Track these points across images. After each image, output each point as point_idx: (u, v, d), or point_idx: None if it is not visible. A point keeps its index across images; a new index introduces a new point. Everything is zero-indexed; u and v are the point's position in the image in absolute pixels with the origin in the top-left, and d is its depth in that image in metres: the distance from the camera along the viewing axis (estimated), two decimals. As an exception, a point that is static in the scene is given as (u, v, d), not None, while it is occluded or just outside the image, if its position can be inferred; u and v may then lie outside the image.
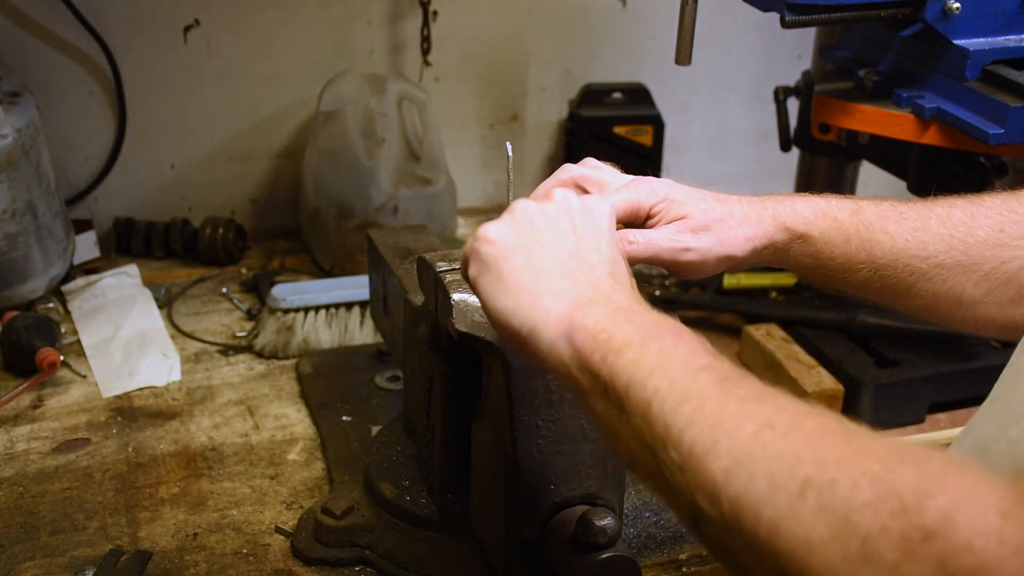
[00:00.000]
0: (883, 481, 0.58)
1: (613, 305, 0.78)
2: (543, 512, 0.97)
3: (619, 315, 0.76)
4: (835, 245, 1.01)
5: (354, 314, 1.55)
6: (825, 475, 0.59)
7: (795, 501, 0.60)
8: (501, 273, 0.82)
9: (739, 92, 2.10)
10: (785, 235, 1.01)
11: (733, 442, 0.64)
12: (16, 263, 1.52)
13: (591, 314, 0.77)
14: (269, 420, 1.38)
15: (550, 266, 0.82)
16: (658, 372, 0.70)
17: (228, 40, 1.78)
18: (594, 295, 0.79)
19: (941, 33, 1.34)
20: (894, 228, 1.01)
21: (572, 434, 0.97)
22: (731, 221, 1.00)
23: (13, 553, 1.14)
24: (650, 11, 1.97)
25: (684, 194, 1.01)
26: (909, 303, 1.03)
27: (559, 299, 0.79)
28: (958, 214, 1.00)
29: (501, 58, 1.92)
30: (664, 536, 1.19)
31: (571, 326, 0.76)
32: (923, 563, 0.54)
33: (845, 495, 0.58)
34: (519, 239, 0.84)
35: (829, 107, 1.46)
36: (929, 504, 0.55)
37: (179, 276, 1.74)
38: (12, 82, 1.55)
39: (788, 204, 1.02)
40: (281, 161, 1.88)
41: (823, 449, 0.61)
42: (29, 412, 1.38)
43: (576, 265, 0.83)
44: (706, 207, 1.00)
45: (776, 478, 0.61)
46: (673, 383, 0.69)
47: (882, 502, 0.57)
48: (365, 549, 1.13)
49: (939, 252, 0.99)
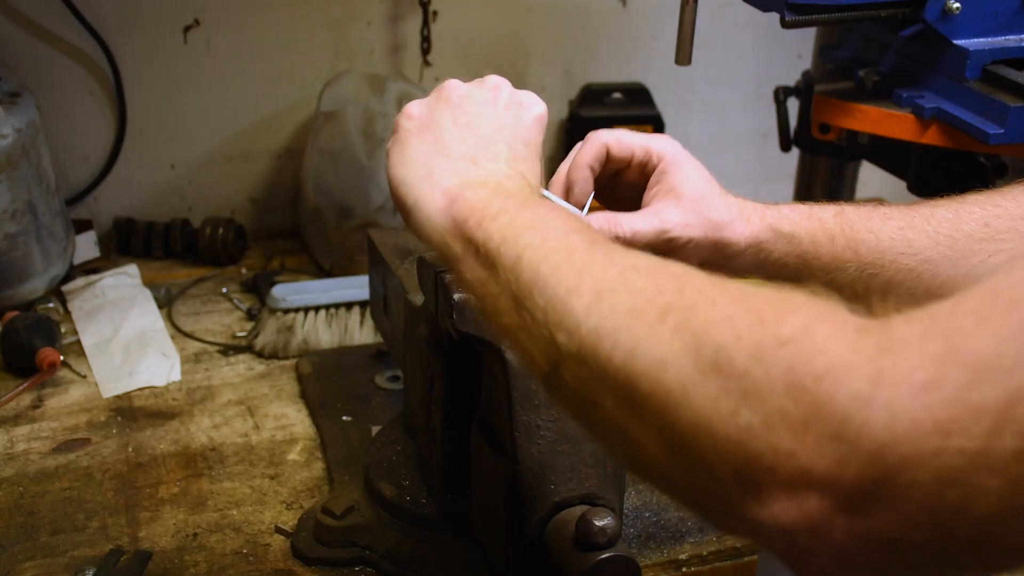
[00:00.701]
0: (742, 302, 0.59)
1: (501, 190, 0.81)
2: (543, 512, 0.97)
3: (501, 192, 0.80)
4: (821, 244, 1.00)
5: (354, 314, 1.55)
6: (685, 300, 0.61)
7: (654, 325, 0.61)
8: (406, 146, 0.87)
9: (739, 92, 2.10)
10: (771, 235, 1.00)
11: (597, 280, 0.66)
12: (16, 263, 1.52)
13: (475, 193, 0.80)
14: (269, 420, 1.38)
15: (455, 147, 0.86)
16: (531, 232, 0.73)
17: (228, 40, 1.78)
18: (486, 180, 0.82)
19: (941, 33, 1.34)
20: (878, 227, 1.00)
21: (572, 434, 0.97)
22: (722, 207, 1.00)
23: (13, 553, 1.14)
24: (650, 11, 1.97)
25: (686, 168, 1.01)
26: (901, 302, 1.02)
27: (450, 177, 0.83)
28: (942, 212, 1.00)
29: (501, 58, 1.92)
30: (664, 536, 1.19)
31: (452, 200, 0.80)
32: (773, 368, 0.54)
33: (703, 313, 0.59)
34: (435, 117, 0.89)
35: (829, 107, 1.46)
36: (788, 318, 0.56)
37: (179, 276, 1.74)
38: (12, 82, 1.55)
39: (772, 207, 1.02)
40: (281, 161, 1.88)
41: (686, 282, 0.63)
42: (29, 412, 1.38)
43: (481, 152, 0.86)
44: (701, 188, 1.00)
45: (636, 307, 0.62)
46: (545, 239, 0.72)
47: (740, 317, 0.58)
48: (365, 549, 1.13)
49: (925, 248, 0.99)
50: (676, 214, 0.98)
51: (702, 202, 0.99)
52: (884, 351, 0.53)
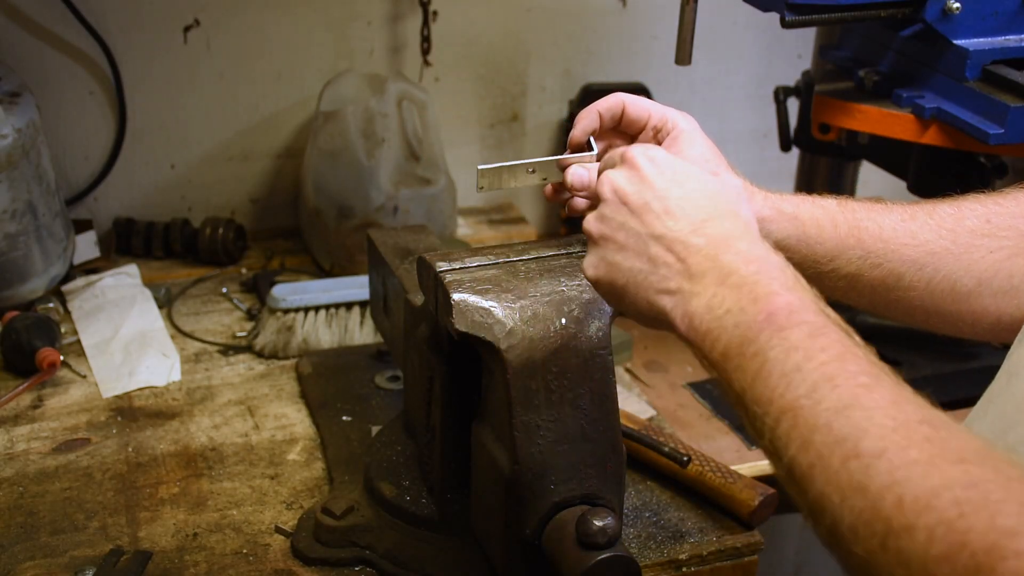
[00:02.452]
0: (956, 533, 0.59)
1: None
2: (543, 512, 0.97)
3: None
4: (824, 228, 1.00)
5: (354, 314, 1.55)
6: (904, 519, 0.61)
7: (878, 551, 0.62)
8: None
9: (739, 92, 2.10)
10: (774, 213, 1.00)
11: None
12: (16, 263, 1.52)
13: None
14: (269, 420, 1.38)
15: None
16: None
17: (228, 40, 1.78)
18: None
19: (941, 33, 1.34)
20: (881, 218, 1.00)
21: (572, 434, 0.97)
22: (726, 178, 0.99)
23: (13, 553, 1.14)
24: (650, 11, 1.97)
25: (697, 140, 1.01)
26: (904, 296, 1.01)
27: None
28: (944, 207, 1.01)
29: (501, 58, 1.92)
30: (664, 536, 1.19)
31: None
32: None
33: (922, 546, 0.60)
34: None
35: (829, 107, 1.46)
36: (999, 567, 0.56)
37: (179, 276, 1.74)
38: (12, 82, 1.55)
39: (776, 193, 1.02)
40: (281, 161, 1.88)
41: (904, 487, 0.62)
42: (29, 412, 1.38)
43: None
44: (707, 156, 1.00)
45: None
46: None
47: (957, 556, 0.58)
48: (365, 549, 1.13)
49: (928, 240, 0.99)
50: None
51: (706, 168, 0.98)
52: None
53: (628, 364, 1.57)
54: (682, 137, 1.01)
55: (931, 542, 0.59)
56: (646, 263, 0.83)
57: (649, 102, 1.04)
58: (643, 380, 1.55)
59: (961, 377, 1.48)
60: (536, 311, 0.97)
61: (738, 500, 1.20)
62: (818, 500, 0.66)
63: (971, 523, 0.58)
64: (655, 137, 1.03)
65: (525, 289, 0.98)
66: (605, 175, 0.89)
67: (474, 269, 1.00)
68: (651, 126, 1.03)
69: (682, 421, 1.46)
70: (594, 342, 0.97)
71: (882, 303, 1.03)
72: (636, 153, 0.88)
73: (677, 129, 1.01)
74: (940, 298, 1.00)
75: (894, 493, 0.62)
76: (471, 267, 1.00)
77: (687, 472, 1.23)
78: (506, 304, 0.96)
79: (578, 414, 0.97)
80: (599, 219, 0.88)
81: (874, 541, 0.62)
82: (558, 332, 0.96)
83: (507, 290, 0.97)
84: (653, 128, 1.03)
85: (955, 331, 1.02)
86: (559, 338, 0.96)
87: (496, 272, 1.00)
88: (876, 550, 0.62)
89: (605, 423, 0.98)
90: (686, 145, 1.00)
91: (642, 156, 0.87)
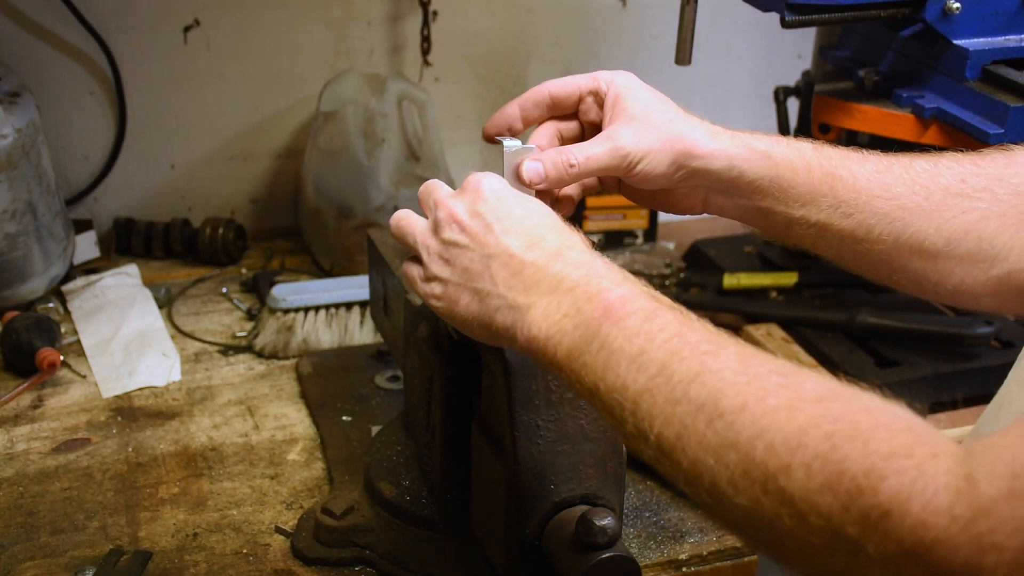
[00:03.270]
0: (832, 463, 0.62)
1: None
2: (543, 512, 0.97)
3: None
4: (798, 172, 0.98)
5: (354, 314, 1.55)
6: (779, 461, 0.64)
7: (760, 497, 0.64)
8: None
9: (739, 92, 2.10)
10: (745, 151, 0.98)
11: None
12: (16, 263, 1.52)
13: None
14: (269, 420, 1.38)
15: None
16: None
17: (228, 40, 1.78)
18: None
19: (941, 33, 1.34)
20: (856, 167, 0.99)
21: (572, 434, 0.97)
22: (680, 121, 0.98)
23: (13, 553, 1.14)
24: (650, 11, 1.97)
25: (638, 92, 1.00)
26: (870, 249, 0.99)
27: None
28: (921, 163, 0.99)
29: (501, 58, 1.92)
30: (664, 536, 1.19)
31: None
32: (884, 538, 0.59)
33: (801, 483, 0.62)
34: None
35: (829, 107, 1.46)
36: (881, 486, 0.59)
37: (179, 276, 1.74)
38: (12, 82, 1.55)
39: (745, 132, 1.01)
40: (281, 161, 1.88)
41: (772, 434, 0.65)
42: (29, 412, 1.38)
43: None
44: (653, 105, 0.99)
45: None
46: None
47: (837, 484, 0.61)
48: (365, 549, 1.13)
49: (902, 195, 0.97)
50: (628, 132, 0.98)
51: (655, 116, 0.98)
52: (978, 516, 0.57)
53: (628, 364, 1.57)
54: (622, 94, 1.00)
55: (809, 477, 0.62)
56: (487, 282, 0.86)
57: (574, 76, 1.03)
58: (643, 380, 1.54)
59: (961, 377, 1.47)
60: (536, 311, 0.96)
61: (738, 500, 1.20)
62: (693, 466, 0.69)
63: (845, 452, 0.62)
64: (597, 104, 1.02)
65: (525, 289, 0.98)
66: (442, 200, 0.92)
67: (474, 269, 1.00)
68: (586, 97, 1.02)
69: (682, 421, 1.46)
70: (594, 342, 0.97)
71: (849, 255, 1.01)
72: (474, 180, 0.91)
73: (614, 87, 1.01)
74: (907, 255, 0.98)
75: (764, 440, 0.65)
76: (471, 267, 1.00)
77: (687, 472, 1.23)
78: (506, 304, 0.96)
79: (578, 414, 0.97)
80: (440, 245, 0.90)
81: (755, 489, 0.64)
82: (558, 332, 0.96)
83: (507, 290, 0.97)
84: (590, 96, 1.02)
85: (917, 290, 1.01)
86: (559, 338, 0.96)
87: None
88: (758, 496, 0.64)
89: (605, 423, 0.98)
90: (629, 102, 0.99)
91: (482, 182, 0.91)
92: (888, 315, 1.51)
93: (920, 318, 1.52)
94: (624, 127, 0.98)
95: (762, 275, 1.67)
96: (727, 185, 1.00)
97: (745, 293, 1.67)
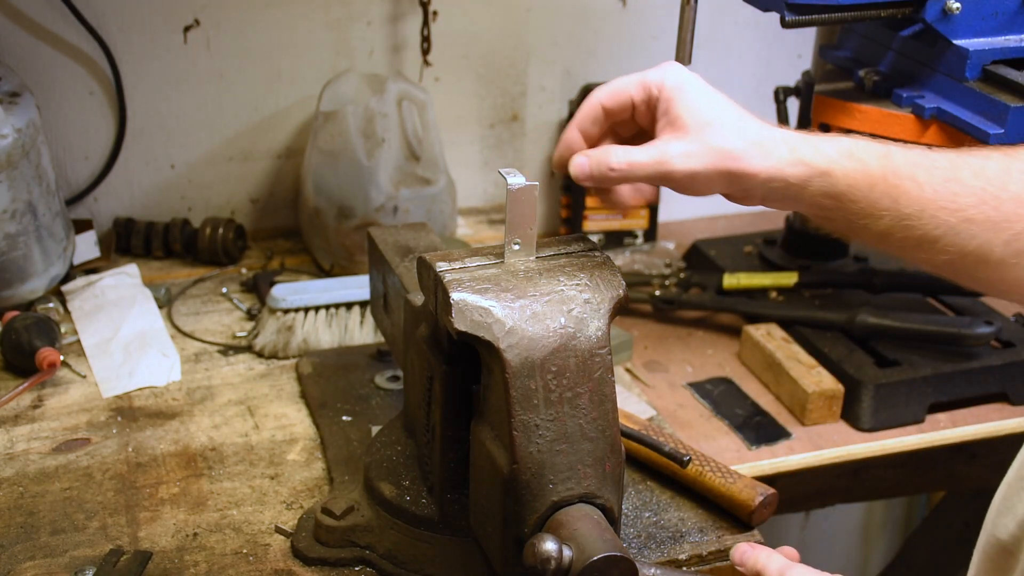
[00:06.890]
0: None
1: None
2: (541, 511, 0.97)
3: None
4: (858, 189, 0.94)
5: (354, 314, 1.55)
6: None
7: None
8: None
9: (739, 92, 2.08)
10: (802, 169, 0.94)
11: None
12: (16, 263, 1.52)
13: None
14: (269, 420, 1.39)
15: None
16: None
17: (228, 40, 1.78)
18: None
19: (941, 33, 1.34)
20: (924, 176, 0.94)
21: (571, 434, 0.97)
22: (733, 135, 0.95)
23: (13, 553, 1.14)
24: (650, 11, 1.97)
25: (690, 95, 0.96)
26: (933, 258, 0.96)
27: None
28: (992, 167, 0.95)
29: (501, 58, 1.92)
30: (664, 536, 1.19)
31: None
32: None
33: None
34: None
35: (829, 107, 1.46)
36: None
37: (179, 276, 1.74)
38: (12, 82, 1.55)
39: (809, 139, 0.97)
40: (281, 161, 1.88)
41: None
42: (29, 412, 1.38)
43: None
44: (708, 115, 0.95)
45: None
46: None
47: None
48: (365, 549, 1.13)
49: (969, 206, 0.93)
50: (677, 145, 0.94)
51: (708, 131, 0.94)
52: None
53: (628, 364, 1.57)
54: (674, 99, 0.96)
55: None
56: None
57: (623, 83, 0.98)
58: (643, 380, 1.55)
59: (961, 377, 1.48)
60: (535, 310, 0.97)
61: (738, 500, 1.20)
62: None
63: None
64: (650, 111, 0.98)
65: (524, 289, 0.98)
66: None
67: (473, 269, 1.00)
68: (641, 104, 0.98)
69: (682, 421, 1.46)
70: (593, 341, 0.97)
71: (910, 259, 0.99)
72: None
73: (665, 91, 0.96)
74: (972, 265, 0.95)
75: None
76: (471, 267, 1.00)
77: (687, 472, 1.23)
78: (505, 303, 0.96)
79: (577, 413, 0.97)
80: None
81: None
82: (557, 331, 0.96)
83: (506, 289, 0.97)
84: (644, 104, 0.98)
85: (987, 293, 1.01)
86: (558, 337, 0.96)
87: (496, 272, 1.00)
88: None
89: (604, 422, 0.98)
90: (681, 109, 0.95)
91: None
92: (888, 315, 1.52)
93: (920, 318, 1.52)
94: (674, 141, 0.95)
95: (762, 275, 1.67)
96: (781, 197, 0.97)
97: (745, 293, 1.67)
